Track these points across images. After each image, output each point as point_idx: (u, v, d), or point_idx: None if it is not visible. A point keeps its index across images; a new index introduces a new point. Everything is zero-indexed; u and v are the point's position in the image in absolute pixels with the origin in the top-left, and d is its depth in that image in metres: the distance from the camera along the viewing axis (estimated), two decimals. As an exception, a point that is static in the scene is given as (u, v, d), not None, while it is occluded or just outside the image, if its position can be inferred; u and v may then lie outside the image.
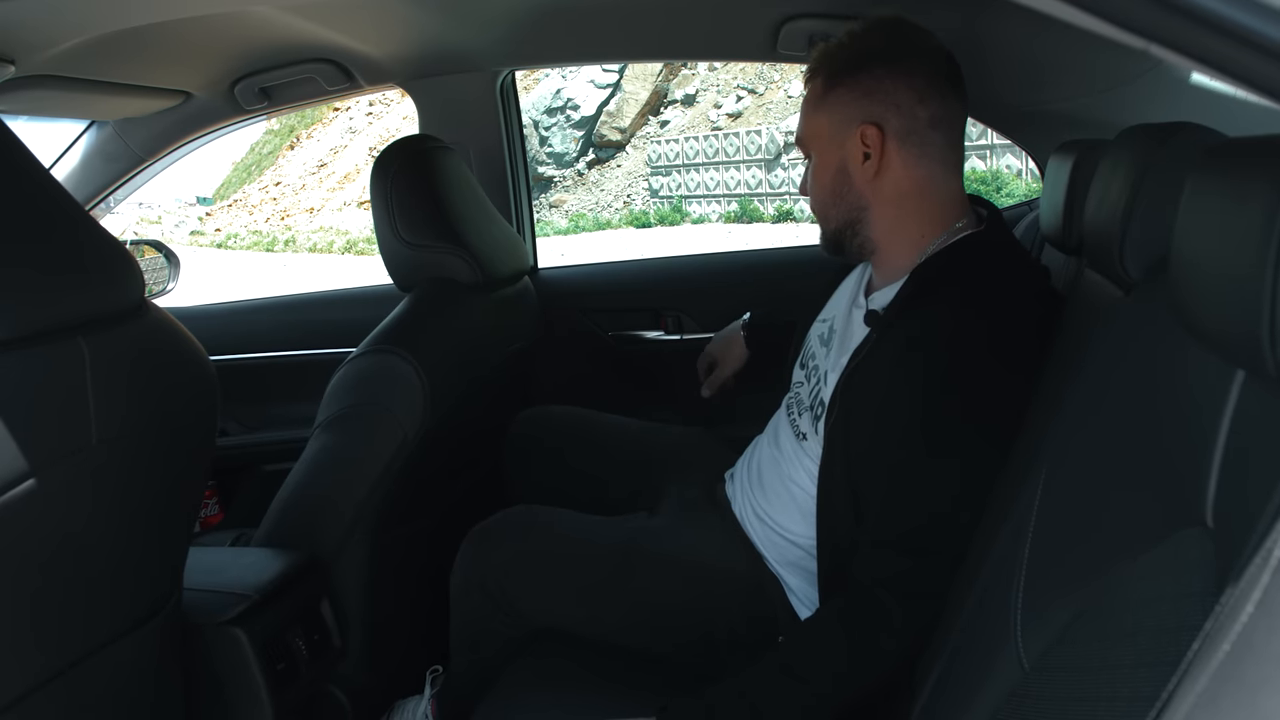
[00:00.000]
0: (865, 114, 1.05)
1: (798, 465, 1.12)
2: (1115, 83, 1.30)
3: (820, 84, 1.08)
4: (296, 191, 22.54)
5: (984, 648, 0.73)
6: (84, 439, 0.76)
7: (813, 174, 1.11)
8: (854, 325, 1.11)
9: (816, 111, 1.09)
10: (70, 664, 0.80)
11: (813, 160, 1.11)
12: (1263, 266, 0.43)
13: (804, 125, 1.11)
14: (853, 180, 1.07)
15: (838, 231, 1.11)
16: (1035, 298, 1.03)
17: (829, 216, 1.11)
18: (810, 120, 1.10)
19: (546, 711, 1.08)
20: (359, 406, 1.30)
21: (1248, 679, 0.33)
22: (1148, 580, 0.55)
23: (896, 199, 1.06)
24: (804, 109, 1.11)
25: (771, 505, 1.15)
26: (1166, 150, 0.75)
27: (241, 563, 1.19)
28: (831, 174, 1.09)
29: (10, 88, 1.35)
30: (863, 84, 1.05)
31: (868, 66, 1.05)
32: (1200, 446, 0.53)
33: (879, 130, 1.04)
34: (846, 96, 1.06)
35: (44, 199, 0.77)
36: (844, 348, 1.09)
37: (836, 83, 1.07)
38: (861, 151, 1.05)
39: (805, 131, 1.11)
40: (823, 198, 1.11)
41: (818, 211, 1.13)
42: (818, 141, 1.09)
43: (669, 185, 15.65)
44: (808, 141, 1.11)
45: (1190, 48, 0.37)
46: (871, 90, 1.04)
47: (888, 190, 1.06)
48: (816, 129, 1.09)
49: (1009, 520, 0.79)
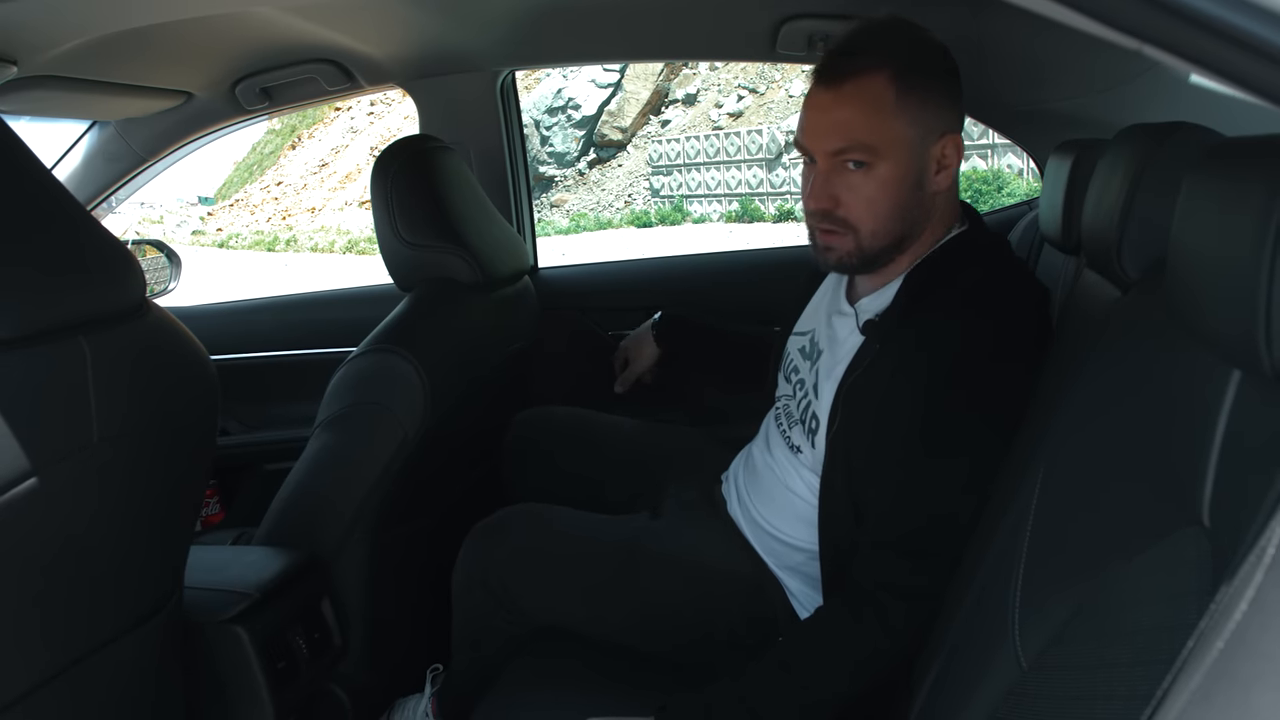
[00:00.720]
0: (948, 122, 0.99)
1: (794, 475, 1.12)
2: (1114, 82, 1.31)
3: (892, 83, 0.96)
4: (298, 191, 22.56)
5: (982, 646, 0.73)
6: (86, 438, 0.77)
7: (877, 185, 0.98)
8: (841, 334, 1.09)
9: (895, 116, 0.97)
10: (73, 661, 0.81)
11: (875, 168, 0.98)
12: (1258, 267, 0.44)
13: (871, 129, 0.97)
14: (924, 192, 1.00)
15: (887, 248, 1.02)
16: (1029, 293, 1.03)
17: (886, 232, 1.00)
18: (884, 125, 0.97)
19: (547, 710, 1.08)
20: (359, 406, 1.31)
21: (1241, 675, 0.33)
22: (1145, 579, 0.55)
23: (939, 210, 1.04)
24: (866, 108, 0.97)
25: (769, 511, 1.15)
26: (1164, 150, 0.75)
27: (242, 561, 1.19)
28: (907, 186, 0.99)
29: (12, 88, 1.35)
30: (944, 85, 0.99)
31: (941, 68, 0.99)
32: (1197, 445, 0.53)
33: (960, 139, 1.00)
34: (930, 101, 0.98)
35: (46, 199, 0.78)
36: (835, 357, 1.07)
37: (917, 83, 0.97)
38: (937, 161, 1.00)
39: (873, 137, 0.97)
40: (888, 213, 1.00)
41: (872, 227, 1.00)
42: (895, 149, 0.97)
43: (670, 185, 15.66)
44: (876, 147, 0.97)
45: (1182, 48, 0.37)
46: (951, 96, 0.99)
47: (939, 202, 1.03)
48: (894, 134, 0.97)
49: (1007, 519, 0.79)
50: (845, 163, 0.99)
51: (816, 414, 1.07)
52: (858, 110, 0.97)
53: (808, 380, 1.12)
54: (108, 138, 1.81)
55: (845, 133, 0.98)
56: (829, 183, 1.00)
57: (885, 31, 1.00)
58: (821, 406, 1.06)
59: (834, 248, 1.03)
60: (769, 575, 1.14)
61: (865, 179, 0.99)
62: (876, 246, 1.02)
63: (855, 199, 1.00)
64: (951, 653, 0.83)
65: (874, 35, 0.99)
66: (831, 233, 1.02)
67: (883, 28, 1.00)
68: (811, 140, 1.01)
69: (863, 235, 1.01)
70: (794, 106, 14.88)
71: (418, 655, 1.39)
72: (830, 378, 1.06)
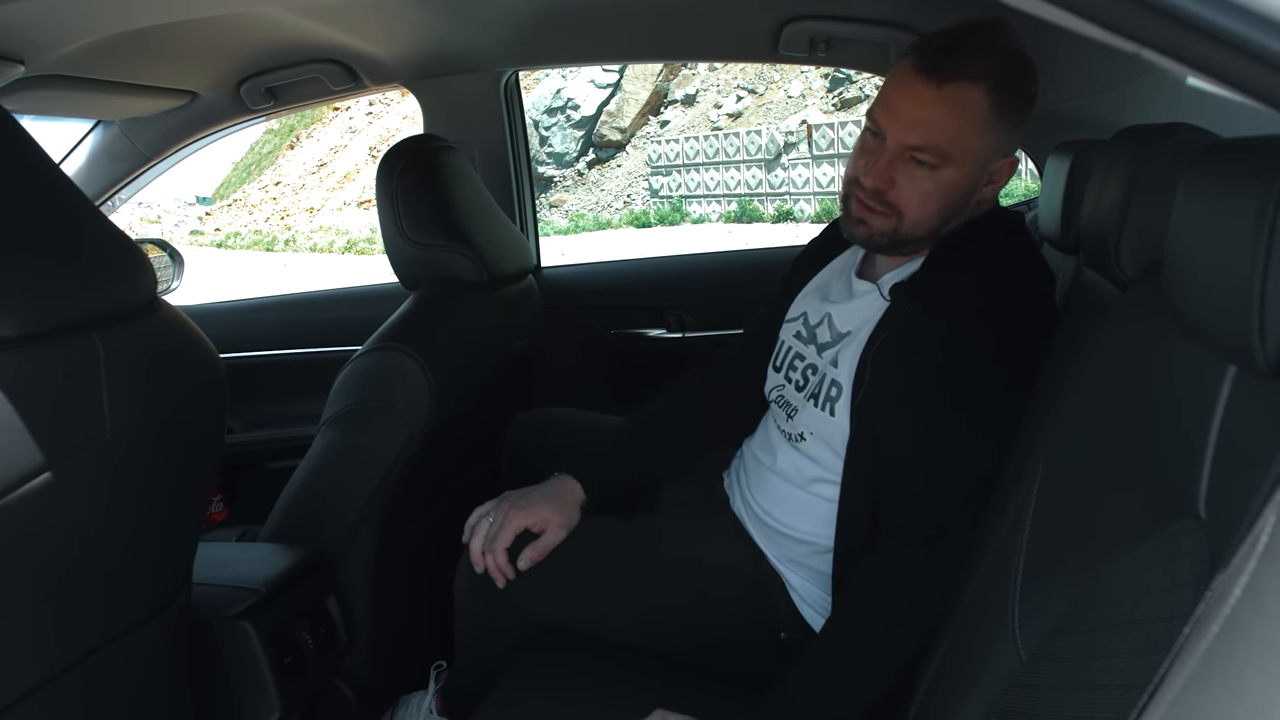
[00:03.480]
0: (1014, 145, 1.03)
1: (796, 466, 1.13)
2: (1114, 84, 1.32)
3: (987, 99, 0.98)
4: (296, 191, 22.53)
5: (982, 638, 0.74)
6: (98, 433, 0.77)
7: (936, 184, 1.01)
8: (862, 305, 1.10)
9: (978, 133, 0.99)
10: (85, 654, 0.82)
11: (940, 170, 1.00)
12: (1253, 265, 0.45)
13: (953, 138, 0.99)
14: (971, 199, 1.05)
15: (919, 239, 1.06)
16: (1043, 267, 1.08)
17: (927, 225, 1.04)
18: (965, 138, 0.99)
19: (550, 708, 1.08)
20: (365, 404, 1.31)
21: (1235, 660, 0.34)
22: (1142, 571, 0.56)
23: (974, 212, 1.08)
24: (956, 117, 0.98)
25: (771, 504, 1.15)
26: (1162, 151, 0.76)
27: (249, 557, 1.20)
28: (961, 192, 1.03)
29: (20, 87, 1.36)
30: (1020, 115, 1.01)
31: (1030, 96, 1.01)
32: (1193, 440, 0.54)
33: (1016, 160, 1.05)
34: (1010, 125, 1.01)
35: (57, 197, 0.78)
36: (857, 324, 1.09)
37: (1008, 106, 0.99)
38: (990, 175, 1.04)
39: (952, 146, 0.99)
40: (936, 210, 1.03)
41: (917, 218, 1.03)
42: (965, 159, 1.00)
43: (669, 185, 15.64)
44: (949, 154, 0.99)
45: (1180, 52, 0.38)
46: (1023, 122, 1.02)
47: (978, 208, 1.08)
48: (969, 147, 1.00)
49: (1007, 512, 0.80)
50: (915, 157, 1.01)
51: (837, 381, 1.07)
52: (949, 116, 0.99)
53: (817, 357, 1.13)
54: (112, 137, 1.82)
55: (929, 134, 0.99)
56: (892, 167, 1.02)
57: (994, 35, 1.00)
58: (843, 374, 1.07)
59: (870, 224, 1.05)
60: (771, 571, 1.15)
61: (928, 176, 1.01)
62: (913, 236, 1.05)
63: (912, 190, 1.02)
64: (952, 644, 0.84)
65: (983, 38, 1.00)
66: (874, 211, 1.04)
67: (992, 31, 1.01)
68: (890, 124, 1.02)
69: (905, 223, 1.03)
70: (793, 107, 14.88)
71: (422, 652, 1.40)
72: (853, 344, 1.07)
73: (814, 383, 1.11)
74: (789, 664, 0.99)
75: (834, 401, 1.07)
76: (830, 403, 1.08)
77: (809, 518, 1.11)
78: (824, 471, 1.09)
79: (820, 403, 1.09)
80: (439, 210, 1.45)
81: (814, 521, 1.10)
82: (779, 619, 1.13)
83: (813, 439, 1.10)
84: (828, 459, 1.08)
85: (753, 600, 1.14)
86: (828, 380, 1.09)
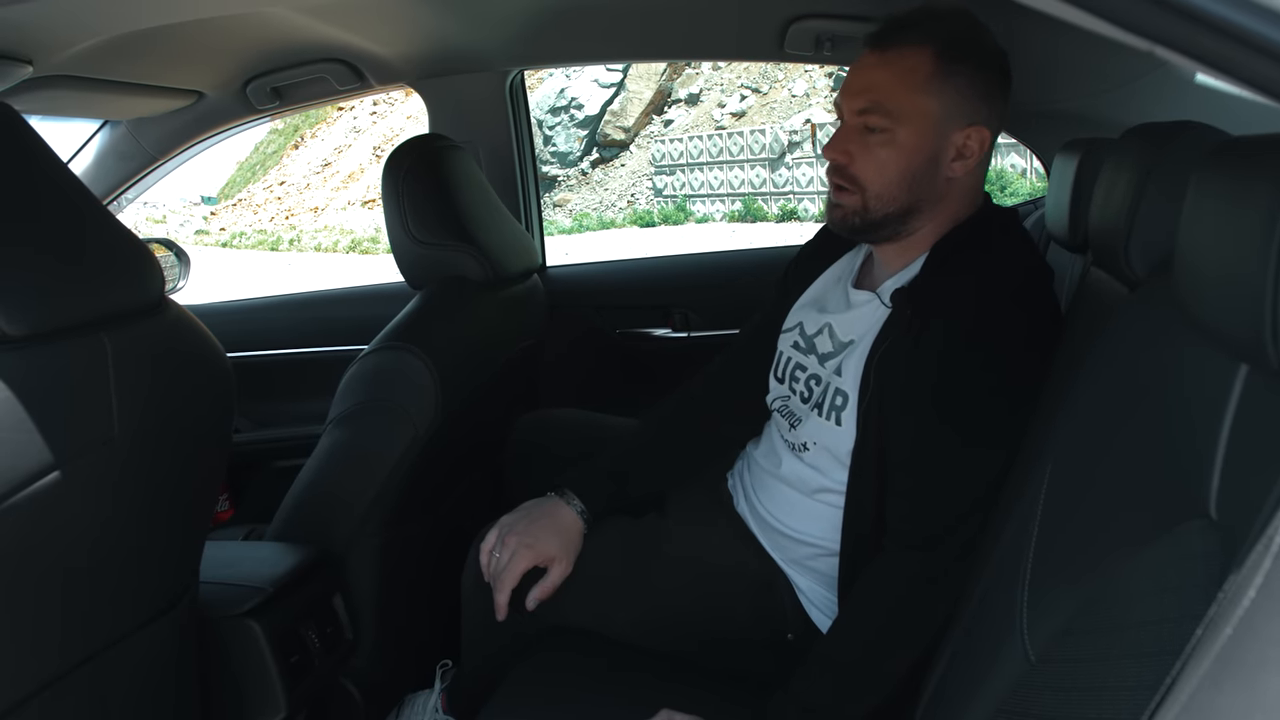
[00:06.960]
0: (978, 115, 1.01)
1: (800, 476, 1.12)
2: (1123, 81, 1.31)
3: (933, 60, 0.99)
4: (301, 191, 22.58)
5: (989, 640, 0.74)
6: (106, 433, 0.78)
7: (891, 150, 1.01)
8: (863, 313, 1.10)
9: (925, 91, 0.99)
10: (94, 653, 0.82)
11: (893, 134, 1.01)
12: (1265, 263, 0.45)
13: (898, 96, 1.00)
14: (938, 172, 1.03)
15: (891, 216, 1.04)
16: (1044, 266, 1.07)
17: (892, 198, 1.03)
18: (911, 95, 0.99)
19: (556, 708, 1.08)
20: (371, 402, 1.32)
21: (1249, 660, 0.34)
22: (1153, 571, 0.56)
23: (958, 196, 1.06)
24: (899, 77, 1.00)
25: (775, 506, 1.15)
26: (1171, 149, 0.76)
27: (255, 556, 1.20)
28: (921, 159, 1.01)
29: (28, 88, 1.36)
30: (986, 81, 1.01)
31: (989, 65, 1.01)
32: (1204, 440, 0.54)
33: (986, 137, 1.03)
34: (966, 89, 1.00)
35: (66, 197, 0.79)
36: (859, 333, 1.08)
37: (957, 69, 0.99)
38: (958, 149, 1.02)
39: (897, 104, 1.00)
40: (896, 179, 1.02)
41: (879, 189, 1.03)
42: (916, 120, 1.00)
43: (673, 184, 15.65)
44: (898, 114, 1.00)
45: (1193, 49, 0.38)
46: (989, 95, 1.01)
47: (957, 189, 1.05)
48: (918, 107, 1.00)
49: (1014, 514, 0.80)
50: (867, 125, 1.02)
51: (842, 389, 1.07)
52: (891, 76, 1.00)
53: (819, 366, 1.12)
54: (119, 137, 1.82)
55: (872, 94, 1.01)
56: (847, 138, 1.04)
57: (945, 16, 1.02)
58: (848, 382, 1.06)
59: (842, 205, 1.06)
60: (777, 571, 1.15)
61: (882, 143, 1.02)
62: (881, 211, 1.04)
63: (867, 159, 1.03)
64: (959, 646, 0.84)
65: (933, 16, 1.02)
66: (841, 189, 1.06)
67: (944, 13, 1.02)
68: (844, 99, 1.05)
69: (869, 196, 1.04)
70: (797, 106, 14.88)
71: (427, 651, 1.40)
72: (857, 352, 1.07)
73: (818, 393, 1.11)
74: (794, 664, 0.99)
75: (840, 410, 1.07)
76: (836, 411, 1.07)
77: (815, 523, 1.11)
78: (829, 481, 1.09)
79: (825, 412, 1.09)
80: (445, 210, 1.45)
81: (820, 526, 1.10)
82: (785, 619, 1.13)
83: (816, 449, 1.10)
84: (831, 469, 1.08)
85: (759, 600, 1.14)
86: (832, 389, 1.08)
